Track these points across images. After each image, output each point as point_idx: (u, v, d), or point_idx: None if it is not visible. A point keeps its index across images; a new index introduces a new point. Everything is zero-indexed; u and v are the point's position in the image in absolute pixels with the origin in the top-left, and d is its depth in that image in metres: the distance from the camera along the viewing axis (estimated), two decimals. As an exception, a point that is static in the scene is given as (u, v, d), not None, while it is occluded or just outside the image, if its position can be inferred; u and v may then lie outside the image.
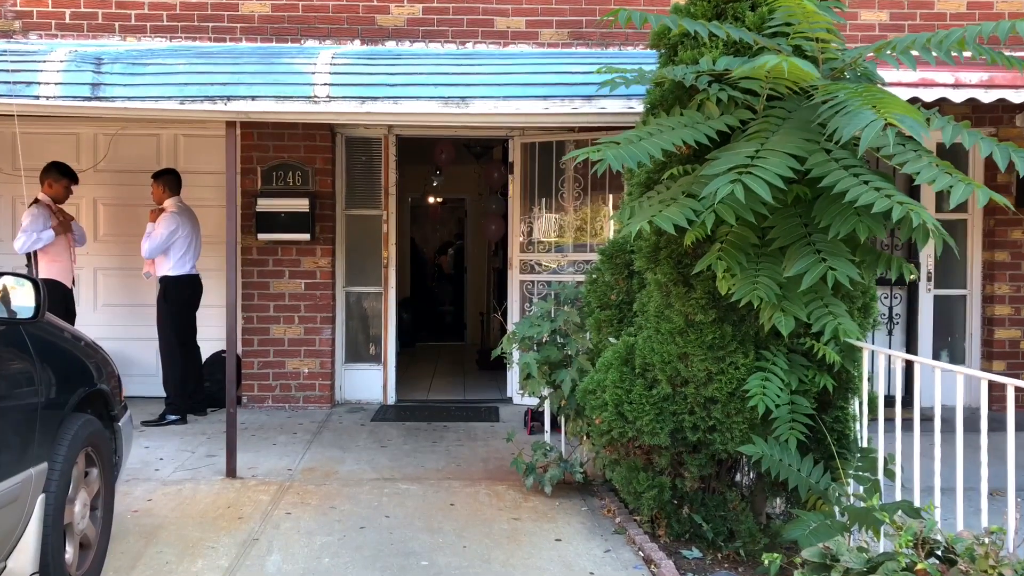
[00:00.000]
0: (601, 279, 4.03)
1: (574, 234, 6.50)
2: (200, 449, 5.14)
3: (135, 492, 4.29)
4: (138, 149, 6.62)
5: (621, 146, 3.18)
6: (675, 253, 3.53)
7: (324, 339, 6.39)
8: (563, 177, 6.52)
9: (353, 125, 6.51)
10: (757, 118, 3.29)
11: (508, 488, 4.42)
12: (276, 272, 6.38)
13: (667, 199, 3.24)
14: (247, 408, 6.32)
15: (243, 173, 6.35)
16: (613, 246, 3.99)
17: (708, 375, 3.44)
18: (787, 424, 3.33)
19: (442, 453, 5.13)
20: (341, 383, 6.62)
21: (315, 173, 6.38)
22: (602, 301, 3.97)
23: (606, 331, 3.93)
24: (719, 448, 3.50)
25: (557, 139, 6.50)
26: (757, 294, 3.14)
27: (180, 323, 5.87)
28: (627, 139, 3.25)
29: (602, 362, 3.75)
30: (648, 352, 3.58)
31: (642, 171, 3.83)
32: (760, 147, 3.05)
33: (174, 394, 5.80)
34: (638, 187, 3.82)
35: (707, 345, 3.43)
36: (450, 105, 4.47)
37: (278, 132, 6.35)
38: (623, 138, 3.25)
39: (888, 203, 2.85)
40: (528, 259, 6.60)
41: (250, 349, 6.36)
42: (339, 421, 6.00)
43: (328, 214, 6.43)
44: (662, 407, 3.54)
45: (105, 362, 3.41)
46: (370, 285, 6.70)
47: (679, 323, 3.50)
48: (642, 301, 3.76)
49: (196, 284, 5.98)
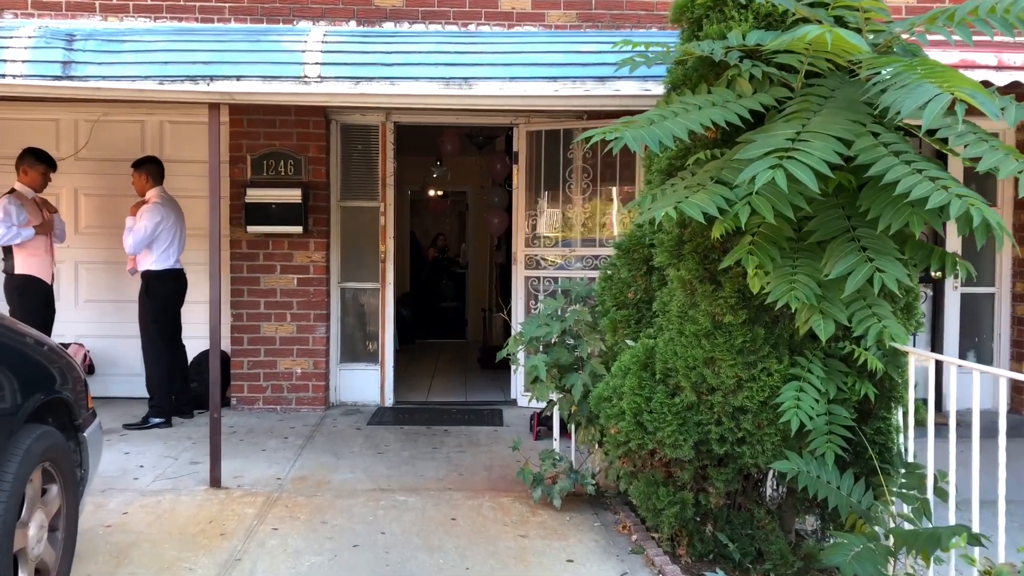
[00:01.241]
0: (617, 275, 3.69)
1: (582, 228, 6.17)
2: (184, 455, 4.81)
3: (110, 504, 3.97)
4: (122, 136, 6.28)
5: (642, 126, 2.85)
6: (701, 247, 3.20)
7: (318, 337, 6.06)
8: (571, 167, 6.18)
9: (349, 111, 6.17)
10: (794, 97, 2.96)
11: (514, 500, 4.10)
12: (267, 267, 6.04)
13: (694, 185, 2.90)
14: (236, 410, 5.99)
15: (232, 162, 6.02)
16: (630, 240, 3.66)
17: (738, 382, 3.11)
18: (824, 437, 3.01)
19: (443, 460, 4.81)
20: (336, 384, 6.29)
21: (308, 162, 6.04)
22: (618, 299, 3.64)
23: (623, 332, 3.60)
24: (748, 462, 3.17)
25: (565, 127, 6.16)
26: (795, 295, 2.81)
27: (163, 320, 5.54)
28: (648, 119, 2.92)
29: (618, 366, 3.42)
30: (670, 356, 3.25)
31: (663, 157, 3.49)
32: (801, 129, 2.71)
33: (158, 395, 5.48)
34: (658, 174, 3.48)
35: (736, 349, 3.10)
36: (452, 87, 4.13)
37: (269, 118, 6.01)
38: (644, 118, 2.92)
39: (945, 196, 2.51)
40: (533, 254, 6.27)
41: (239, 348, 6.03)
42: (333, 424, 5.67)
43: (322, 206, 6.09)
44: (686, 417, 3.21)
45: (70, 367, 3.08)
46: (367, 281, 6.37)
47: (705, 324, 3.16)
48: (663, 300, 3.42)
49: (180, 279, 5.65)
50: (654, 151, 2.88)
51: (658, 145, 2.79)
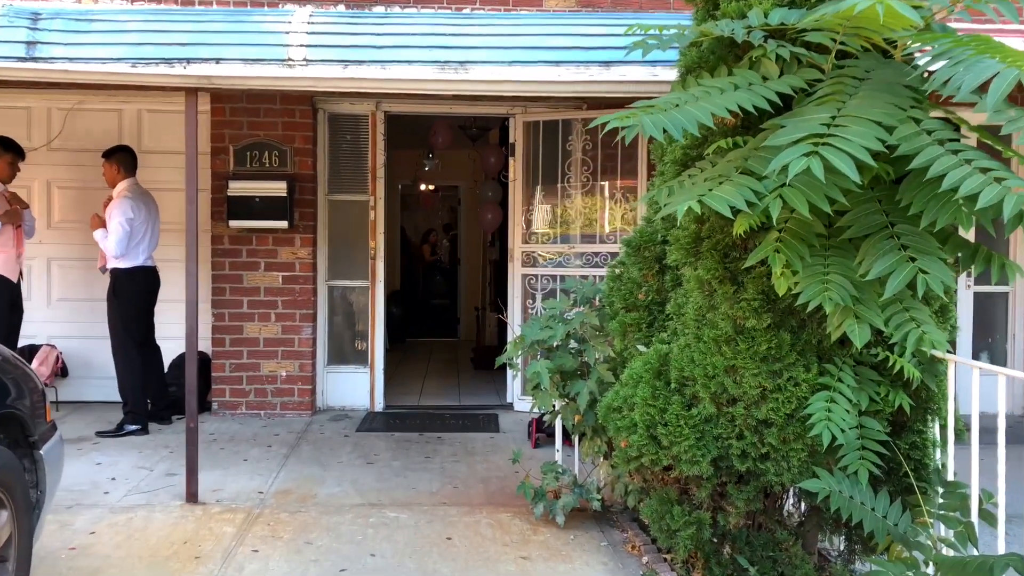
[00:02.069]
0: (626, 275, 3.41)
1: (582, 223, 5.89)
2: (160, 466, 4.51)
3: (76, 523, 3.66)
4: (98, 125, 5.96)
5: (661, 111, 2.57)
6: (720, 244, 2.93)
7: (304, 339, 5.76)
8: (570, 160, 5.90)
9: (337, 99, 5.87)
10: (825, 80, 2.68)
11: (514, 516, 3.82)
12: (250, 264, 5.73)
13: (717, 177, 2.63)
14: (218, 416, 5.69)
15: (213, 153, 5.71)
16: (640, 236, 3.38)
17: (762, 393, 2.84)
18: (856, 453, 2.74)
19: (436, 471, 4.52)
20: (323, 387, 5.99)
21: (294, 153, 5.74)
22: (628, 301, 3.36)
23: (633, 337, 3.32)
24: (772, 480, 2.90)
25: (564, 117, 5.88)
26: (828, 296, 2.54)
27: (134, 321, 5.21)
28: (668, 104, 2.64)
29: (629, 374, 3.14)
30: (687, 364, 2.98)
31: (677, 147, 3.22)
32: (836, 113, 2.44)
33: (132, 401, 5.16)
34: (672, 165, 3.21)
35: (760, 356, 2.83)
36: (447, 71, 3.84)
37: (253, 107, 5.70)
38: (662, 102, 2.64)
39: (998, 191, 2.24)
40: (531, 250, 5.98)
41: (221, 350, 5.72)
42: (320, 431, 5.37)
43: (309, 199, 5.79)
44: (704, 430, 2.94)
45: (25, 378, 2.78)
46: (356, 279, 6.07)
47: (726, 329, 2.89)
48: (678, 302, 3.15)
49: (152, 277, 5.33)
50: (671, 139, 2.61)
51: (680, 132, 2.51)
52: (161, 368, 5.45)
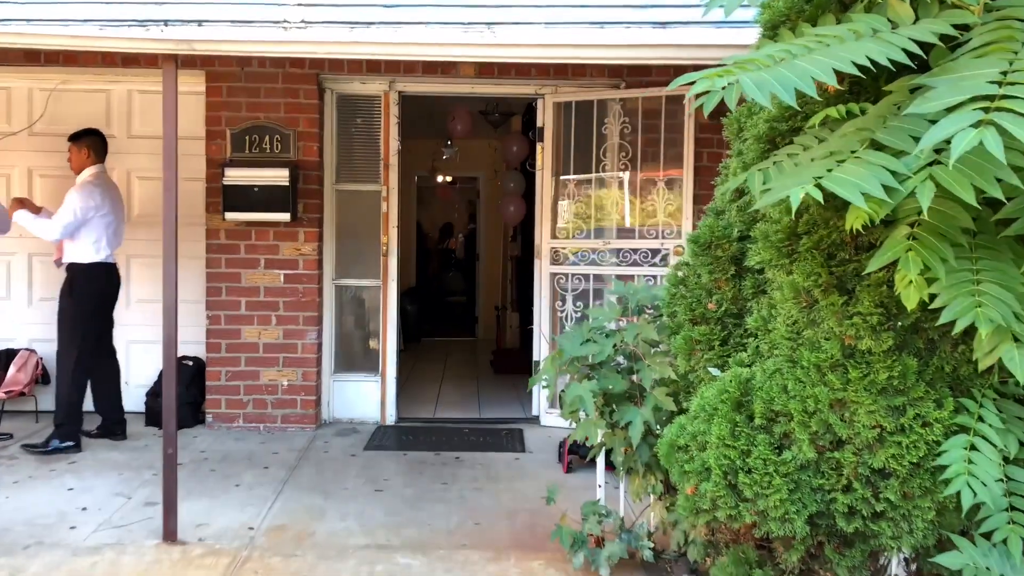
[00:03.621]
0: (692, 279, 2.78)
1: (618, 216, 5.25)
2: (140, 492, 3.94)
3: (31, 568, 3.09)
4: (83, 107, 5.38)
5: (763, 67, 1.93)
6: (825, 242, 2.29)
7: (308, 344, 5.17)
8: (605, 145, 5.26)
9: (346, 77, 5.26)
10: (978, 25, 2.03)
11: (547, 566, 3.20)
12: (249, 261, 5.15)
13: (832, 154, 1.99)
14: (212, 429, 5.11)
15: (208, 137, 5.13)
16: (710, 231, 2.73)
17: (879, 434, 2.21)
18: (1005, 515, 2.10)
19: (455, 502, 3.91)
20: (329, 398, 5.40)
21: (298, 138, 5.14)
22: (695, 312, 2.73)
23: (703, 356, 2.69)
24: (888, 544, 2.28)
25: (599, 96, 5.24)
26: (984, 314, 1.90)
27: (89, 322, 4.59)
28: (764, 59, 2.00)
29: (700, 404, 2.51)
30: (777, 394, 2.34)
31: (759, 119, 2.58)
32: (1009, 68, 1.80)
33: (65, 413, 4.51)
34: (755, 142, 2.57)
35: (879, 388, 2.20)
36: (471, 33, 3.21)
37: (252, 86, 5.11)
38: (762, 57, 2.00)
39: None
40: (560, 246, 5.36)
41: (216, 356, 5.14)
42: (324, 449, 4.78)
43: (314, 189, 5.19)
44: (799, 480, 2.31)
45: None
46: (366, 277, 5.47)
47: (831, 351, 2.25)
48: (762, 314, 2.52)
49: (112, 275, 4.73)
50: (782, 105, 1.98)
51: (791, 93, 1.87)
52: (117, 377, 4.86)
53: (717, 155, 5.15)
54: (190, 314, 5.27)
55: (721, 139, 5.18)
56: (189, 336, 5.29)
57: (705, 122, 5.08)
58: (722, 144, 5.24)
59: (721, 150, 5.18)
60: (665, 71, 5.14)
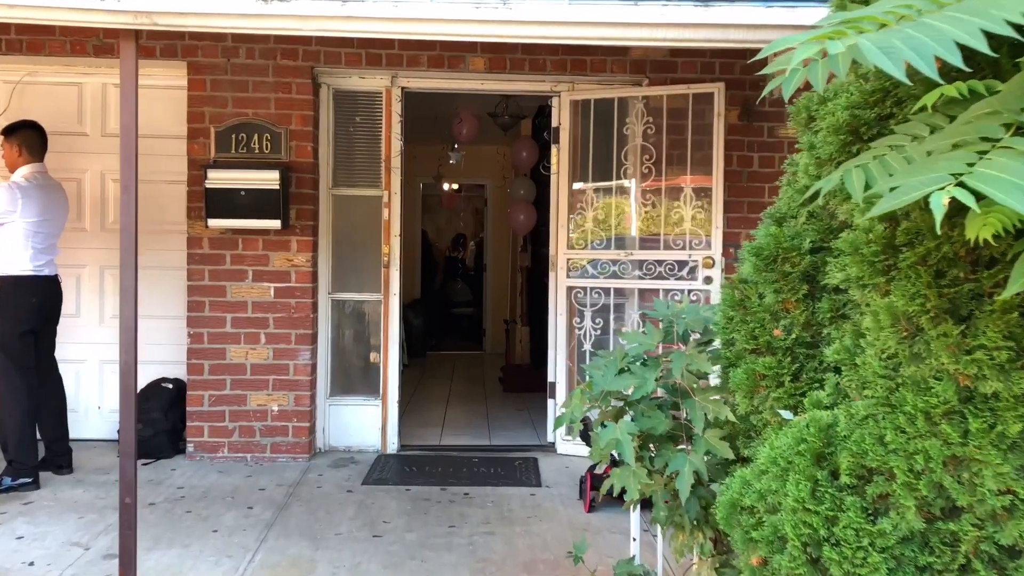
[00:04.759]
0: (754, 300, 2.29)
1: (641, 225, 4.77)
2: (101, 541, 3.45)
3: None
4: (53, 102, 4.93)
5: (884, 27, 1.46)
6: (934, 256, 1.80)
7: (301, 365, 4.69)
8: (627, 148, 4.79)
9: (344, 72, 4.80)
10: None
11: (574, 637, 2.71)
12: (235, 273, 4.68)
13: (964, 144, 1.51)
14: (194, 460, 4.63)
15: (191, 136, 4.67)
16: (776, 242, 2.24)
17: (1010, 502, 1.71)
18: None
19: (464, 550, 3.42)
20: (324, 424, 4.91)
21: (290, 137, 4.68)
22: (758, 340, 2.24)
23: (768, 394, 2.20)
24: (1019, 642, 1.78)
25: (620, 94, 4.77)
26: None
27: (18, 341, 4.04)
28: (882, 16, 1.52)
29: (770, 456, 2.02)
30: (871, 446, 1.85)
31: (836, 106, 2.10)
32: None
33: (13, 447, 4.01)
34: (832, 134, 2.07)
35: (1009, 443, 1.70)
36: (483, 8, 2.75)
37: (239, 79, 4.65)
38: (873, 14, 1.53)
39: None
40: (578, 257, 4.88)
41: (198, 378, 4.66)
42: (317, 483, 4.30)
43: (308, 194, 4.73)
44: (901, 556, 1.82)
45: None
46: (365, 291, 4.99)
47: (945, 395, 1.76)
48: (845, 344, 2.02)
49: (52, 289, 4.22)
50: (923, 80, 1.51)
51: (929, 61, 1.39)
52: (62, 403, 4.34)
53: (747, 158, 4.68)
54: (170, 332, 4.84)
55: (752, 141, 4.74)
56: (169, 356, 4.85)
57: (736, 122, 4.61)
58: (752, 146, 4.79)
59: (752, 153, 4.71)
60: (691, 67, 4.68)
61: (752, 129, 4.62)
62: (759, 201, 4.61)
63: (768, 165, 4.62)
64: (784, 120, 4.56)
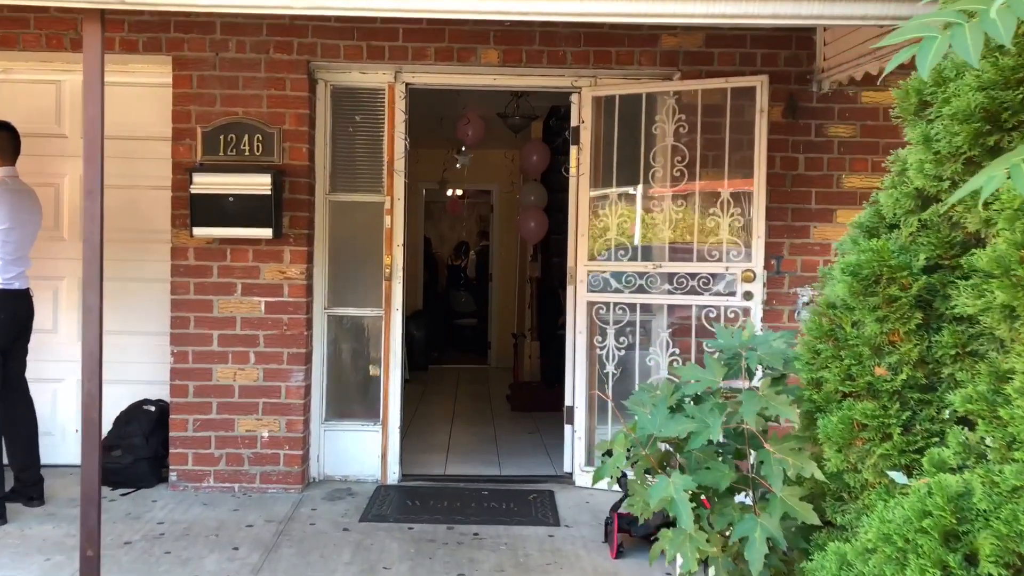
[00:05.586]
0: (848, 330, 1.86)
1: (671, 234, 4.34)
2: (65, 591, 3.02)
3: None
4: (30, 100, 4.53)
5: None
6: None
7: (294, 387, 4.26)
8: (655, 149, 4.37)
9: (342, 66, 4.38)
10: None
11: None
12: (222, 286, 4.25)
13: None
14: (177, 490, 4.20)
15: (176, 137, 4.25)
16: (878, 259, 1.81)
17: None
18: None
19: (476, 608, 2.98)
20: (319, 451, 4.48)
21: (284, 137, 4.26)
22: (855, 380, 1.81)
23: (872, 449, 1.76)
24: None
25: (648, 89, 4.35)
26: None
27: None
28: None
29: (880, 532, 1.59)
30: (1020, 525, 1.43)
31: (963, 85, 1.68)
32: None
33: None
34: (959, 121, 1.66)
35: None
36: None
37: (229, 75, 4.23)
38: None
39: None
40: (600, 269, 4.45)
41: (182, 401, 4.23)
42: (310, 520, 3.86)
43: (303, 199, 4.31)
44: (1068, 673, 1.39)
45: None
46: (365, 306, 4.56)
47: None
48: (979, 389, 1.60)
49: (20, 303, 3.82)
50: None
51: None
52: (32, 429, 3.94)
53: (792, 160, 4.26)
54: (153, 349, 4.42)
55: (798, 140, 4.28)
56: (151, 375, 4.43)
57: (779, 120, 4.19)
58: (798, 147, 4.35)
59: (797, 154, 4.28)
60: (729, 58, 4.26)
61: (798, 127, 4.19)
62: (805, 208, 4.19)
63: (815, 167, 4.19)
64: (833, 117, 4.14)
